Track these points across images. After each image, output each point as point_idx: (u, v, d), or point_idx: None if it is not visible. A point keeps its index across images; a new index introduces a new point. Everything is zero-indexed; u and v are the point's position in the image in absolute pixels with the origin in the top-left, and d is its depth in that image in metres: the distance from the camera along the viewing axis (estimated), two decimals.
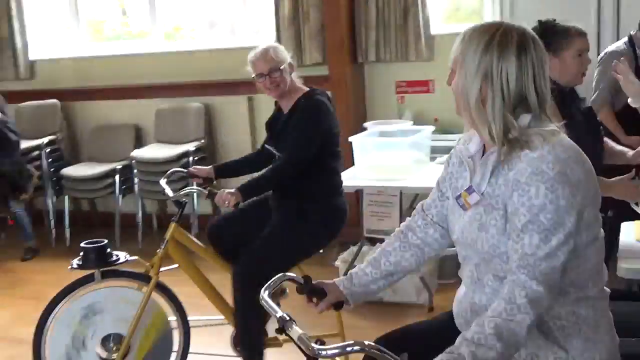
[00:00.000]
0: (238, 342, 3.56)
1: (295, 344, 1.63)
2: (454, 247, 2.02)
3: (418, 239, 2.08)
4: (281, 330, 1.68)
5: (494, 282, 1.81)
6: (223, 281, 3.50)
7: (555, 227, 1.67)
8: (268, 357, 3.46)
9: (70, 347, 3.35)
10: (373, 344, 1.54)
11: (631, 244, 2.87)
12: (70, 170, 6.18)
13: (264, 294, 1.82)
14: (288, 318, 1.68)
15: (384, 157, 4.65)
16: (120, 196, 6.08)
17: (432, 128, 4.77)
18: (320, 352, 1.57)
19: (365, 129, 5.19)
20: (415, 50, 5.51)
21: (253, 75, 3.37)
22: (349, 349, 1.54)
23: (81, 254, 3.28)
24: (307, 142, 3.31)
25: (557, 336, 1.76)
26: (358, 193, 4.65)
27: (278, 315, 1.71)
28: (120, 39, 7.05)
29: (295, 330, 1.64)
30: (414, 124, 5.33)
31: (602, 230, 1.84)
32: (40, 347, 3.32)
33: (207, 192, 3.33)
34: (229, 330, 3.58)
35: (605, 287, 1.89)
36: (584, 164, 1.76)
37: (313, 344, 1.58)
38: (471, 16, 5.93)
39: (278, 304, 2.22)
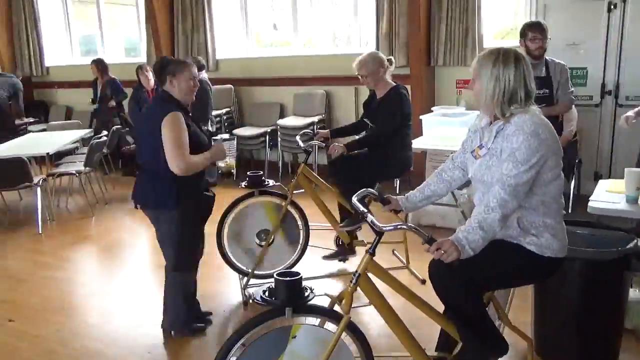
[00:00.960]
0: (338, 241, 3.94)
1: (369, 224, 2.00)
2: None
3: (448, 176, 2.38)
4: (362, 217, 2.04)
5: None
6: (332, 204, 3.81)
7: (524, 161, 1.96)
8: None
9: (238, 237, 3.67)
10: (413, 225, 1.90)
11: (601, 193, 3.03)
12: (238, 131, 6.69)
13: (355, 199, 2.17)
14: (366, 211, 2.05)
15: (443, 131, 4.81)
16: (268, 149, 6.56)
17: (477, 112, 4.79)
18: (383, 228, 1.95)
19: (431, 111, 5.38)
20: (472, 57, 5.51)
21: (357, 74, 3.65)
22: (399, 226, 1.93)
23: (247, 179, 3.62)
24: (393, 120, 3.59)
25: (533, 232, 2.07)
26: (423, 153, 4.81)
27: (360, 209, 2.07)
28: (272, 46, 7.46)
29: (370, 217, 2.01)
30: (466, 109, 5.43)
31: (562, 173, 2.10)
32: (222, 237, 3.61)
33: (324, 145, 3.66)
34: (333, 233, 3.97)
35: (563, 211, 2.15)
36: (550, 130, 2.03)
37: (378, 224, 1.96)
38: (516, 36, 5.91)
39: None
